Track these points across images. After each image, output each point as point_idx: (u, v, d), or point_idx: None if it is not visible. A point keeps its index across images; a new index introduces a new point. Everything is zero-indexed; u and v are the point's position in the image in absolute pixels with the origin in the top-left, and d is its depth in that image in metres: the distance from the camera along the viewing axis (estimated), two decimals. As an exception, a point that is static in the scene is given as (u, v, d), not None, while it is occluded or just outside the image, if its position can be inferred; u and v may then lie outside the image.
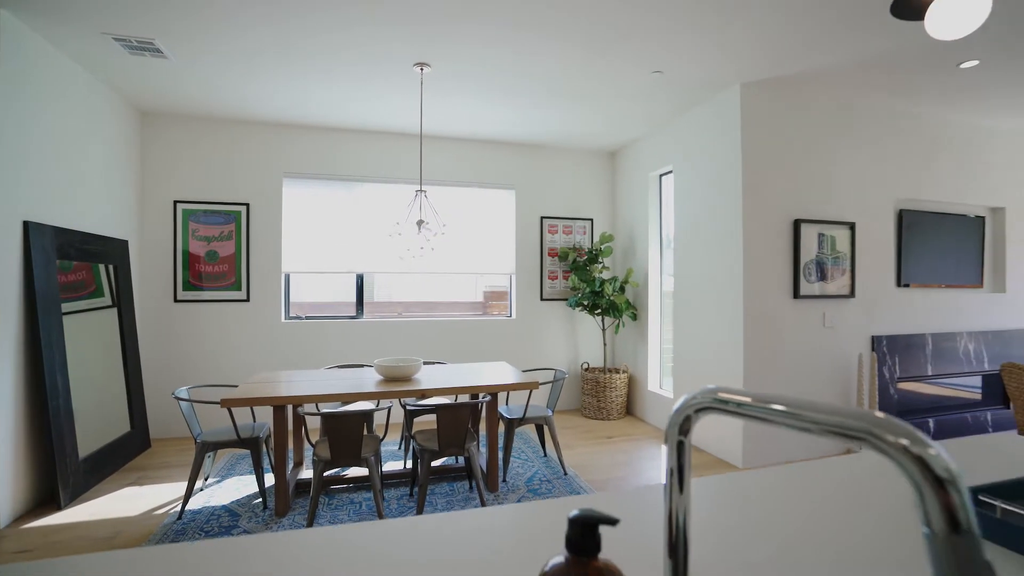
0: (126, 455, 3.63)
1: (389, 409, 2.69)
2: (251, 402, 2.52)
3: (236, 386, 3.38)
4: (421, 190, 3.20)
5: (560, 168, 5.28)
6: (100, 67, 3.34)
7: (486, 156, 5.04)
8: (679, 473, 0.46)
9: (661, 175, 4.82)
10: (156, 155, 4.25)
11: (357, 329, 4.65)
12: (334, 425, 2.39)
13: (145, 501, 3.02)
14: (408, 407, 3.42)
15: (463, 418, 2.61)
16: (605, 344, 5.05)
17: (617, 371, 5.00)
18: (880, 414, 0.32)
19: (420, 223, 3.08)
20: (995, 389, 4.62)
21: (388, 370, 2.91)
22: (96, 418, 3.36)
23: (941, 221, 4.35)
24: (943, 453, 0.29)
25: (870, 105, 4.02)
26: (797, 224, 3.74)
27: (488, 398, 2.83)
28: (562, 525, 0.82)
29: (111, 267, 3.71)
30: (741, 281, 3.61)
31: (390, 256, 4.76)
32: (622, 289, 4.87)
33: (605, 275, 5.36)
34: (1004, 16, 2.69)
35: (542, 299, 5.19)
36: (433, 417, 4.70)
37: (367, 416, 3.31)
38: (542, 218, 5.21)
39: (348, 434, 2.42)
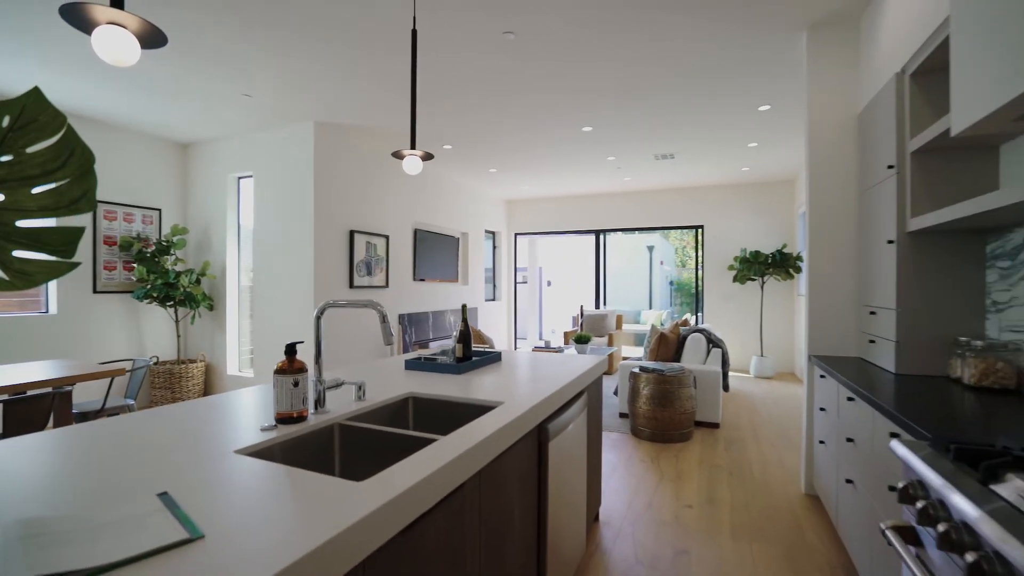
0: None
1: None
2: None
3: None
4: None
5: (122, 150, 4.90)
6: None
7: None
8: (318, 334, 1.41)
9: (240, 178, 5.28)
10: None
11: None
12: None
13: None
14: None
15: (44, 411, 2.53)
16: (179, 335, 5.09)
17: (193, 361, 5.14)
18: (375, 301, 1.38)
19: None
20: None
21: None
22: None
23: (438, 238, 6.70)
24: (387, 311, 1.38)
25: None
26: (352, 234, 5.10)
27: (70, 388, 2.76)
28: (213, 415, 1.60)
29: None
30: (312, 276, 4.65)
31: None
32: (198, 281, 5.05)
33: (180, 267, 5.33)
34: (461, 124, 4.77)
35: (96, 291, 4.70)
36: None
37: None
38: (97, 202, 4.70)
39: None
